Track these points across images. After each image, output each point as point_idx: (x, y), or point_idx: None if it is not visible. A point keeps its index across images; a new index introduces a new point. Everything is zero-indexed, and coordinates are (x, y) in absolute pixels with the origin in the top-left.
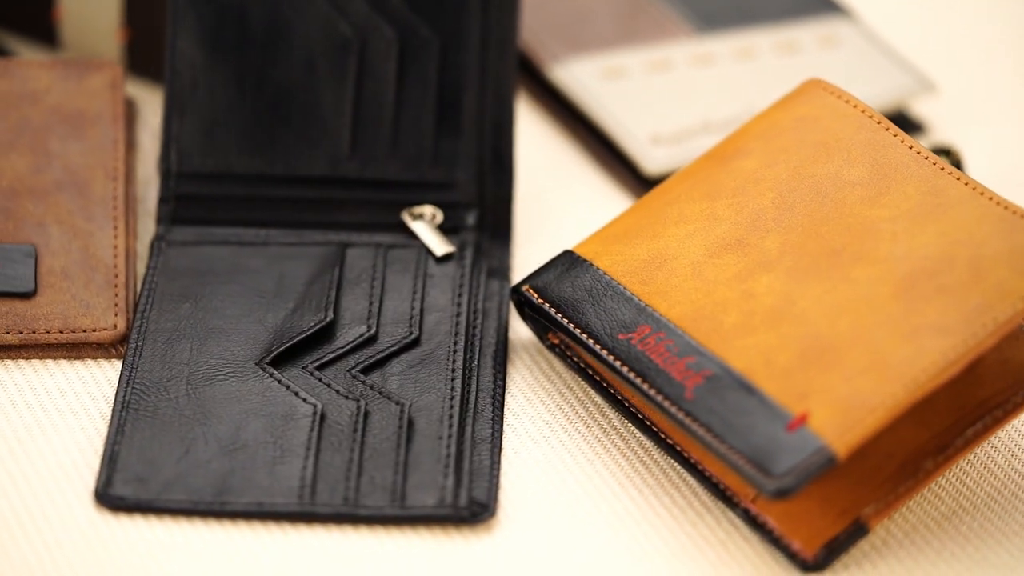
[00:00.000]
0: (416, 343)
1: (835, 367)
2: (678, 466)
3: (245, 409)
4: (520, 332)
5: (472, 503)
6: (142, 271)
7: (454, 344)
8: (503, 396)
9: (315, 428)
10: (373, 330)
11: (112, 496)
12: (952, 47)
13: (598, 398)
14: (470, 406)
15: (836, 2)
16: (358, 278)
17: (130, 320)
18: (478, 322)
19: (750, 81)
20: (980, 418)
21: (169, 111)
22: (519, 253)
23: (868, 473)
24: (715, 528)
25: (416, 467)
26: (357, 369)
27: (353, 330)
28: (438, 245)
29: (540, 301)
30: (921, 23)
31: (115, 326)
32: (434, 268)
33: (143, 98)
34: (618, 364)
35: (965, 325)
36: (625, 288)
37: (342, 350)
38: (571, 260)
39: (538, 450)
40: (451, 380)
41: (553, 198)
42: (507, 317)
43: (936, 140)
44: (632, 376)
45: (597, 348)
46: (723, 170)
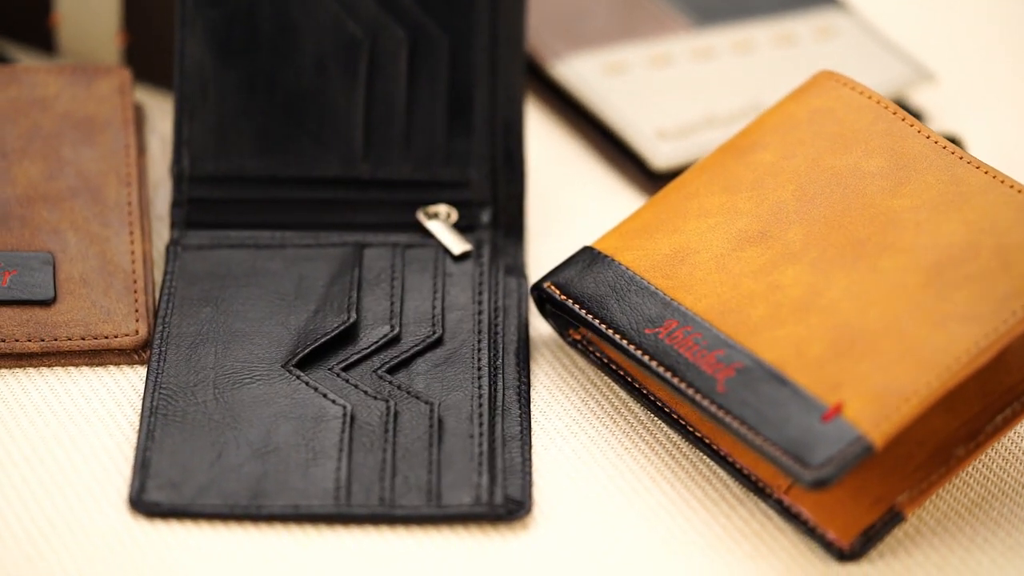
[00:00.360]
0: (439, 342)
1: (867, 357)
2: (707, 459)
3: (274, 412)
4: (540, 329)
5: (508, 501)
6: (158, 276)
7: (478, 342)
8: (528, 393)
9: (346, 429)
10: (396, 330)
11: (147, 502)
12: (947, 36)
13: (622, 393)
14: (497, 404)
15: None
16: (377, 278)
17: (151, 325)
18: (500, 320)
19: (750, 74)
20: (1008, 404)
21: (180, 115)
22: (531, 250)
23: (900, 461)
24: (749, 520)
25: (449, 466)
26: (383, 369)
27: (376, 330)
28: (455, 244)
29: (563, 298)
30: (915, 13)
31: (137, 332)
32: (452, 267)
33: (144, 102)
34: (646, 359)
35: (995, 313)
36: (649, 283)
37: (366, 351)
38: (592, 256)
39: (567, 446)
40: (477, 378)
41: (561, 195)
42: (527, 314)
43: (937, 129)
44: (662, 371)
45: (624, 343)
46: (740, 163)
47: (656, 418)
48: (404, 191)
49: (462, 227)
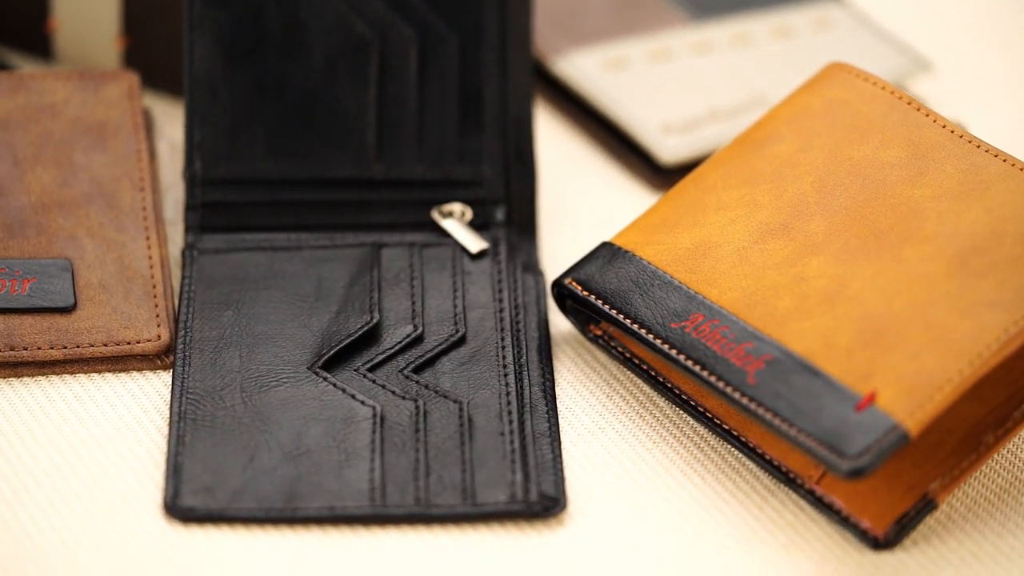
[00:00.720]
0: (463, 340)
1: (897, 346)
2: (735, 451)
3: (304, 414)
4: (558, 325)
5: (543, 497)
6: (175, 280)
7: (501, 340)
8: (553, 389)
9: (377, 430)
10: (420, 329)
11: (182, 507)
12: (942, 25)
13: (646, 387)
14: (525, 401)
15: None
16: (396, 278)
17: (173, 330)
18: (521, 317)
19: (750, 67)
20: None
21: (191, 118)
22: (542, 247)
23: (930, 449)
24: (781, 511)
25: (482, 464)
26: (408, 369)
27: (399, 330)
28: (472, 242)
29: (585, 293)
30: (909, 3)
31: (159, 337)
32: (470, 265)
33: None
34: (674, 353)
35: (1022, 300)
36: (672, 277)
37: (391, 351)
38: (612, 252)
39: (596, 441)
40: (503, 376)
41: (567, 191)
42: (546, 311)
43: None
44: (690, 364)
45: (651, 338)
46: (757, 156)
47: (680, 412)
48: (418, 190)
49: (477, 225)
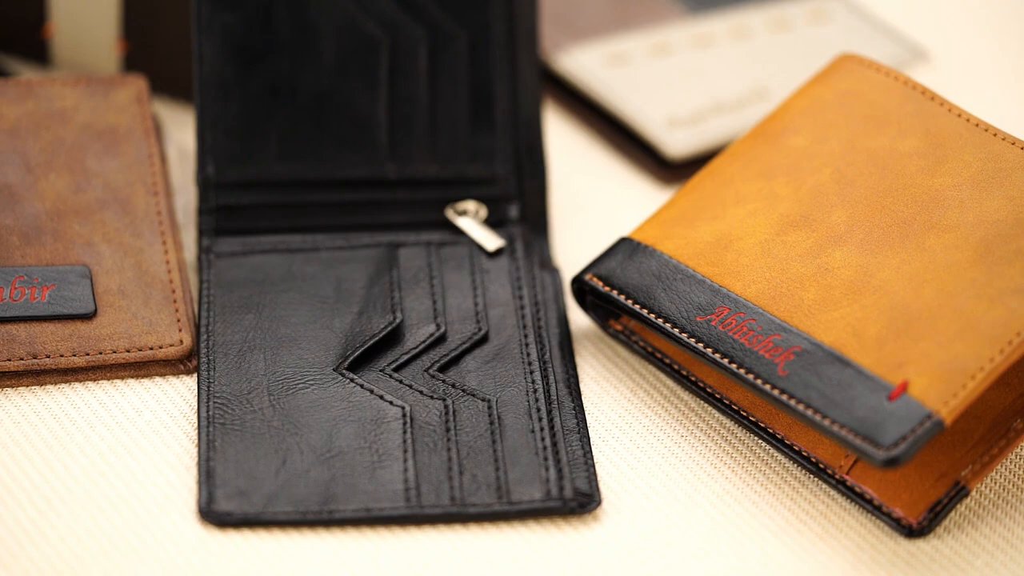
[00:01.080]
0: (486, 339)
1: (927, 335)
2: (763, 443)
3: (333, 416)
4: (577, 322)
5: (577, 494)
6: (191, 284)
7: (524, 337)
8: (578, 385)
9: (408, 430)
10: (443, 328)
11: (217, 512)
12: (939, 14)
13: (669, 381)
14: (552, 397)
15: None
16: (415, 277)
17: (194, 335)
18: (541, 314)
19: (750, 59)
20: None
21: (202, 121)
22: (554, 244)
23: (960, 436)
24: (814, 501)
25: (515, 462)
26: (434, 368)
27: (422, 330)
28: (488, 240)
29: (607, 289)
30: None
31: (181, 341)
32: (487, 263)
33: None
34: (701, 347)
35: None
36: (695, 271)
37: (415, 350)
38: (632, 247)
39: (624, 436)
40: (529, 373)
41: (575, 187)
42: (565, 307)
43: None
44: (719, 358)
45: (676, 332)
46: (773, 148)
47: (706, 405)
48: (432, 189)
49: (491, 223)
